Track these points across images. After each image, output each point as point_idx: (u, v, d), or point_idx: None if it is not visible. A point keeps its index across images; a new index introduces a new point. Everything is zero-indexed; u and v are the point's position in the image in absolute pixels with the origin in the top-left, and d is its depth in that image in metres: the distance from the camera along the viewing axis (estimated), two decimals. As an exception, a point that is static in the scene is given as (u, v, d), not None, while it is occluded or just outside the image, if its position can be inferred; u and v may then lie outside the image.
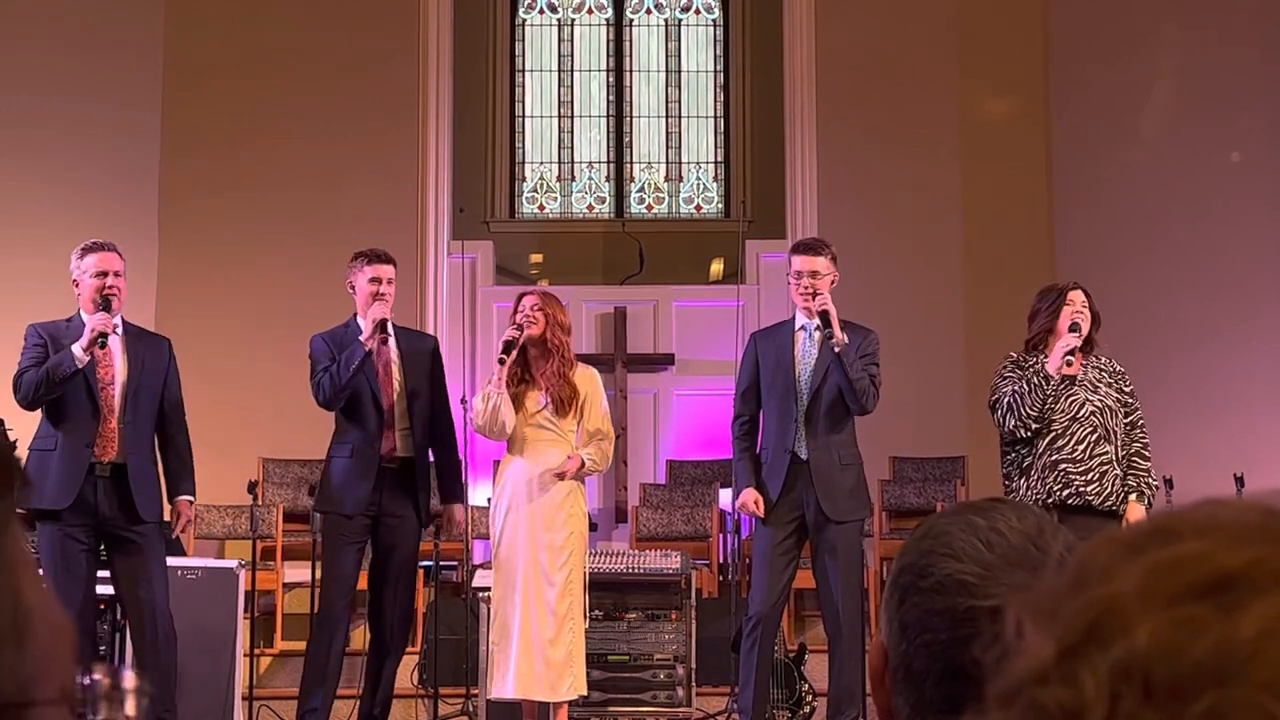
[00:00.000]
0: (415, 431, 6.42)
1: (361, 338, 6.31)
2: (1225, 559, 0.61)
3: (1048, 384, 5.86)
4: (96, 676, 1.22)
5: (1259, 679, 0.58)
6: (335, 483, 6.39)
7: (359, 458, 6.34)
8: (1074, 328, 5.94)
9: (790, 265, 6.39)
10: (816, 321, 6.31)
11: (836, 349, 6.15)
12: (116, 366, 6.08)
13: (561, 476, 6.28)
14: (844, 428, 6.32)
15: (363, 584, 6.64)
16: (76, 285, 6.08)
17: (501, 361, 6.29)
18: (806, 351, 6.35)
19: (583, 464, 6.34)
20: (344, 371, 6.30)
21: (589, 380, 6.48)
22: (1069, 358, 5.86)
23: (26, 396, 5.96)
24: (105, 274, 6.04)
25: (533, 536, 6.29)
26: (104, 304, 5.99)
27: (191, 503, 6.26)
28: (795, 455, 6.24)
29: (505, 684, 6.25)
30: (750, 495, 6.28)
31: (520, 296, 6.51)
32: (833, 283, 6.35)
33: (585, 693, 6.41)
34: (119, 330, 6.11)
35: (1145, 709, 0.59)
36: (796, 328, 6.42)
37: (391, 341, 6.48)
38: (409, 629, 6.49)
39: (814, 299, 6.24)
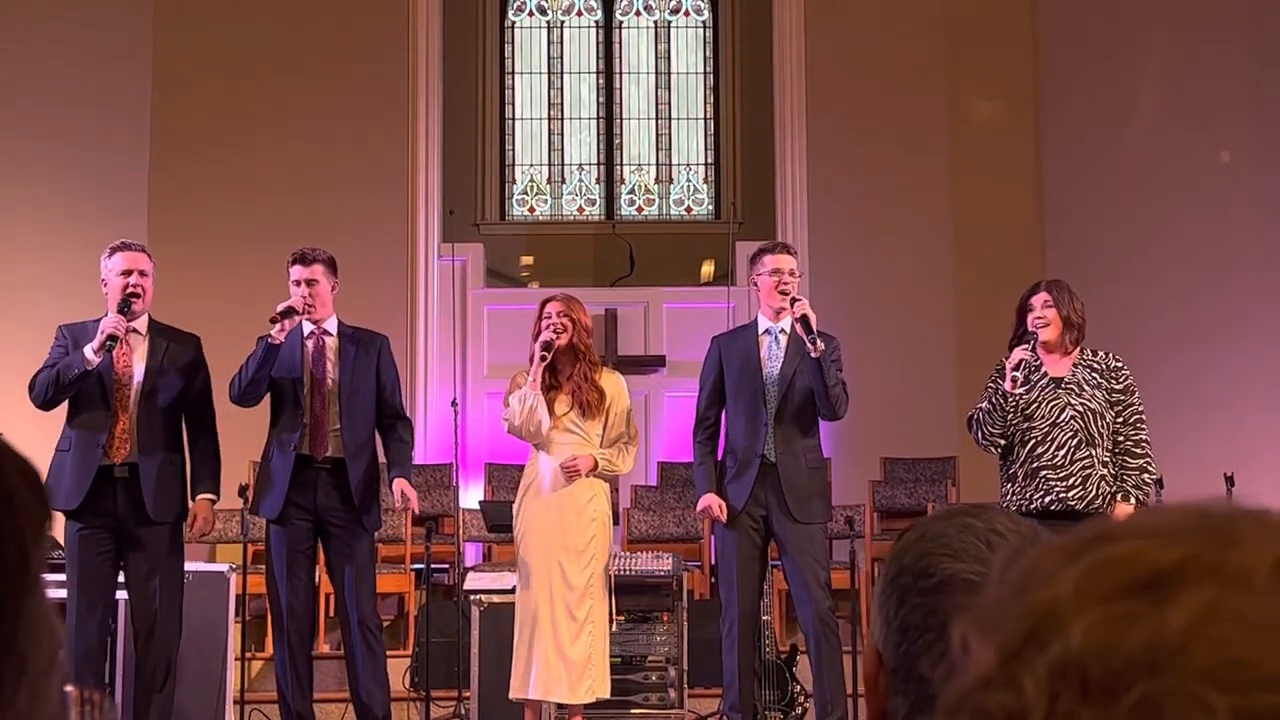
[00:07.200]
0: (347, 433, 6.26)
1: (274, 332, 6.17)
2: (1158, 557, 0.63)
3: (1006, 401, 5.83)
4: (67, 689, 1.18)
5: (1190, 667, 0.59)
6: (261, 485, 6.34)
7: (278, 459, 6.27)
8: (1027, 337, 5.90)
9: (763, 265, 6.38)
10: (783, 325, 6.33)
11: (815, 355, 6.14)
12: (135, 365, 6.06)
13: (572, 472, 6.27)
14: (812, 431, 6.33)
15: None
16: (104, 285, 6.09)
17: (544, 358, 6.28)
18: (773, 354, 6.35)
19: (596, 464, 6.34)
20: (248, 368, 6.22)
21: (615, 384, 6.47)
22: (1015, 374, 5.79)
23: (39, 397, 5.97)
24: (130, 272, 6.03)
25: (556, 539, 6.29)
26: (125, 303, 5.98)
27: (212, 502, 6.13)
28: (764, 458, 6.25)
29: (527, 685, 6.25)
30: (714, 500, 6.29)
31: (543, 303, 6.46)
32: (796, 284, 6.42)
33: (607, 695, 6.39)
34: (138, 330, 6.08)
35: (1082, 706, 0.61)
36: (760, 331, 6.41)
37: (333, 340, 6.39)
38: (370, 618, 6.25)
39: (790, 302, 6.24)
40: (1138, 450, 5.85)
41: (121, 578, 6.04)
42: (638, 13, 12.65)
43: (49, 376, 5.95)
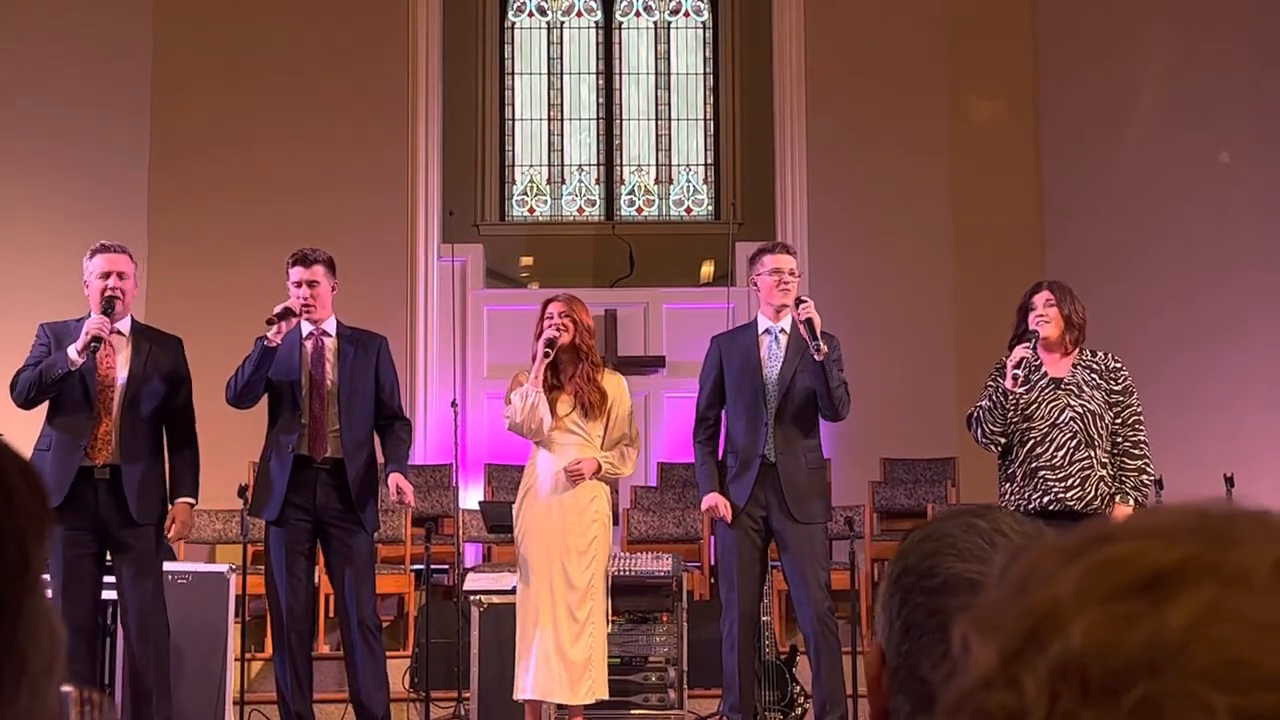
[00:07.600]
0: (345, 433, 6.26)
1: (270, 334, 6.16)
2: (1158, 557, 0.63)
3: (1007, 399, 5.84)
4: (65, 689, 1.18)
5: (1190, 667, 0.59)
6: (261, 487, 6.32)
7: (276, 460, 6.25)
8: (1028, 336, 5.90)
9: (762, 265, 6.38)
10: (783, 325, 6.34)
11: (818, 357, 6.14)
12: (117, 367, 6.04)
13: (576, 475, 6.27)
14: (813, 432, 6.33)
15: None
16: (87, 286, 6.08)
17: (548, 355, 6.28)
18: (773, 354, 6.35)
19: (599, 467, 6.34)
20: (245, 370, 6.20)
21: (617, 385, 6.46)
22: (1016, 372, 5.80)
23: (21, 395, 5.96)
24: (109, 275, 6.01)
25: (557, 540, 6.29)
26: (107, 305, 5.96)
27: (191, 505, 6.14)
28: (765, 458, 6.25)
29: (526, 685, 6.26)
30: (720, 500, 6.29)
31: (545, 303, 6.45)
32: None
33: (605, 696, 6.39)
34: (120, 332, 6.06)
35: (1083, 706, 0.61)
36: (761, 331, 6.41)
37: (331, 341, 6.38)
38: (370, 618, 6.24)
39: (795, 303, 6.24)
40: (1136, 451, 5.85)
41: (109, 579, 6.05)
42: (637, 13, 12.65)
43: (31, 376, 5.93)
